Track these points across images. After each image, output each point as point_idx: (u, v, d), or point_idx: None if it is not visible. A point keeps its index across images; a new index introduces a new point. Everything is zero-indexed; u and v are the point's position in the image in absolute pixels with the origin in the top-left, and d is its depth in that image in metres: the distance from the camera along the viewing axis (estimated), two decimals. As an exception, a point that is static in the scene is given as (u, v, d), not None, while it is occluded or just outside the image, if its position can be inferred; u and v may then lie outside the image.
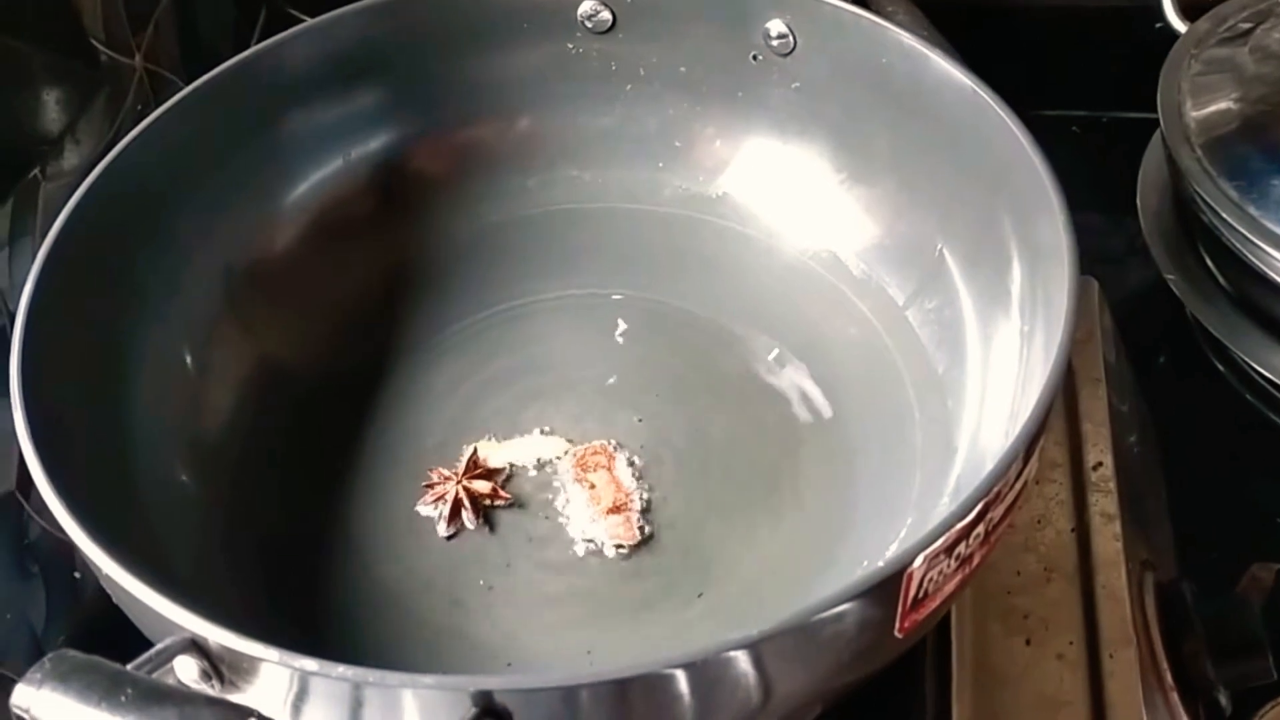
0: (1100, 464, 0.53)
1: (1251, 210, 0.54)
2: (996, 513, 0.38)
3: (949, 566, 0.37)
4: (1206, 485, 0.58)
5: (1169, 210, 0.63)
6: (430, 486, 0.50)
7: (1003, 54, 0.57)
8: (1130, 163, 0.65)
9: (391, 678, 0.33)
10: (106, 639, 0.36)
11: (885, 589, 0.35)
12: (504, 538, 0.49)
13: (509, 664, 0.45)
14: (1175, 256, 0.61)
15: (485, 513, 0.49)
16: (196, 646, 0.34)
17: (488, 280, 0.57)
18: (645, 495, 0.49)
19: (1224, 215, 0.55)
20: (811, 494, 0.49)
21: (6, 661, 0.48)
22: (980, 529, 0.37)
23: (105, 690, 0.32)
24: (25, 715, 0.32)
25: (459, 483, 0.49)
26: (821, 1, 0.53)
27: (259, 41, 0.54)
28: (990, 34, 0.64)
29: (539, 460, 0.50)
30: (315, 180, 0.56)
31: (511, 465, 0.50)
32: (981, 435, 0.47)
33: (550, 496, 0.50)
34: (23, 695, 0.32)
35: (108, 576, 0.37)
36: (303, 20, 0.55)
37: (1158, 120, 0.59)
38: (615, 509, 0.48)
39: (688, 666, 0.33)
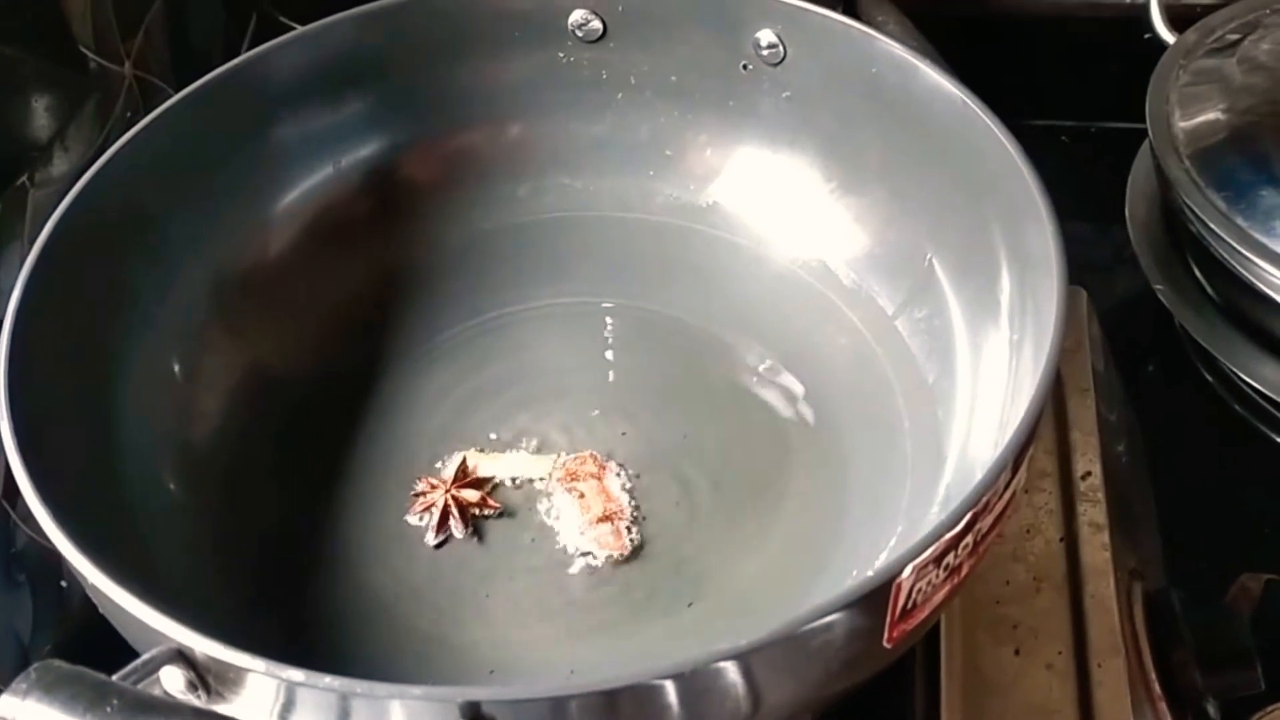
0: (1089, 473, 0.53)
1: (1239, 221, 0.54)
2: (985, 523, 0.38)
3: (938, 576, 0.37)
4: (1195, 495, 0.58)
5: (1157, 220, 0.63)
6: (419, 495, 0.49)
7: (992, 64, 0.57)
8: (1118, 173, 0.65)
9: (379, 688, 0.33)
10: (93, 649, 0.36)
11: (874, 599, 0.35)
12: (492, 547, 0.49)
13: (496, 673, 0.45)
14: (1163, 266, 0.61)
15: (474, 522, 0.49)
16: (183, 657, 0.34)
17: (478, 288, 0.57)
18: (634, 505, 0.49)
19: (1212, 225, 0.55)
20: (801, 503, 0.49)
21: (-8, 671, 0.48)
22: (969, 539, 0.37)
23: (91, 701, 0.32)
24: (10, 726, 0.32)
25: (447, 491, 0.49)
26: (811, 11, 0.53)
27: (249, 49, 0.54)
28: (979, 44, 0.64)
29: (526, 479, 0.50)
30: (305, 187, 0.56)
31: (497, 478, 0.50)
32: (971, 444, 0.47)
33: (539, 506, 0.50)
34: (8, 706, 0.32)
35: (93, 585, 0.36)
36: (293, 28, 0.55)
37: (1146, 130, 0.59)
38: (604, 518, 0.48)
39: (677, 677, 0.33)
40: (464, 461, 0.50)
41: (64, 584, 0.51)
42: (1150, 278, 0.61)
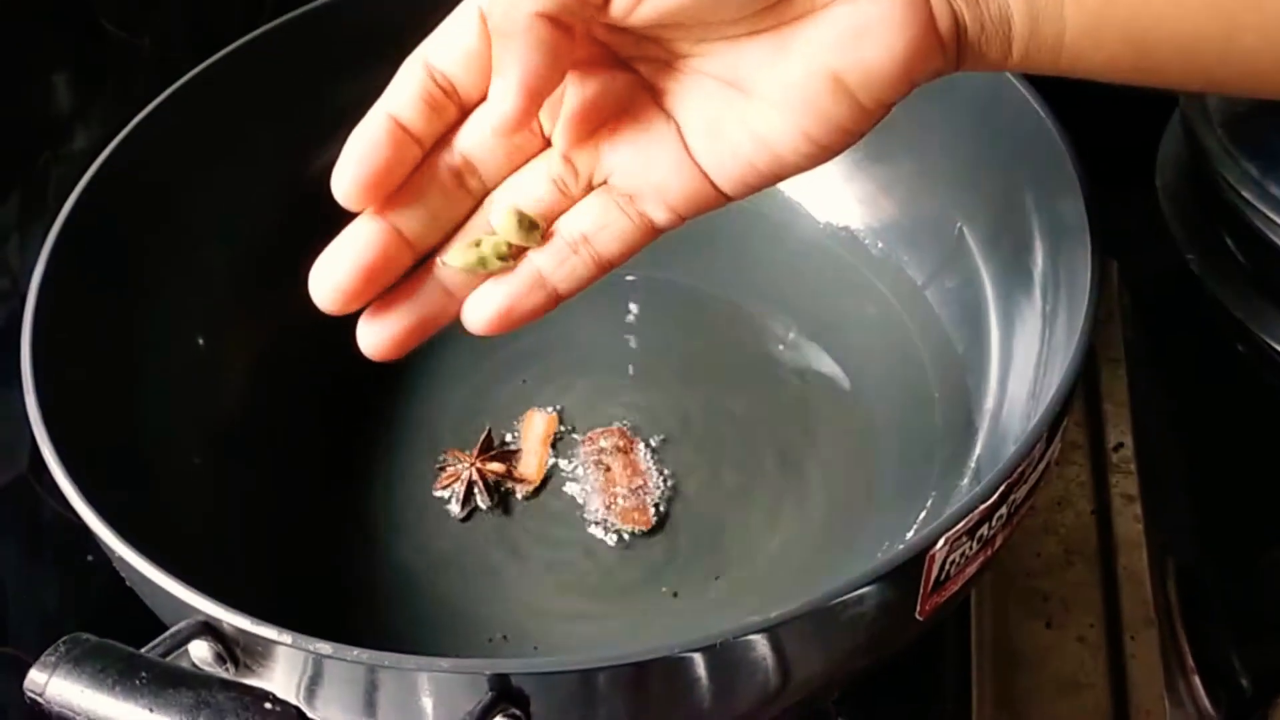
0: (1121, 445, 0.52)
1: (1272, 189, 0.54)
2: (1019, 494, 0.37)
3: (971, 549, 0.36)
4: (1227, 467, 0.58)
5: (1188, 189, 0.62)
6: (445, 468, 0.49)
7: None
8: (1150, 141, 0.64)
9: (407, 661, 0.33)
10: (120, 622, 0.36)
11: (906, 571, 0.35)
12: (519, 519, 0.49)
13: (524, 647, 0.45)
14: (1195, 236, 0.60)
15: (500, 494, 0.49)
16: (211, 629, 0.34)
17: (501, 261, 0.56)
18: (661, 478, 0.49)
19: (1244, 194, 0.54)
20: (829, 475, 0.49)
21: (20, 645, 0.48)
22: (1003, 511, 0.37)
23: (119, 673, 0.32)
24: (39, 698, 0.32)
25: (473, 464, 0.49)
26: (838, -23, 0.52)
27: (268, 22, 0.54)
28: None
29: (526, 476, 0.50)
30: (326, 160, 0.55)
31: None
32: (1002, 416, 0.46)
33: (566, 478, 0.49)
34: (37, 679, 0.32)
35: (121, 559, 0.36)
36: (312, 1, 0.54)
37: (1177, 99, 0.58)
38: (630, 492, 0.48)
39: (706, 650, 0.33)
40: (489, 433, 0.50)
41: (90, 558, 0.51)
42: (1182, 248, 0.60)
